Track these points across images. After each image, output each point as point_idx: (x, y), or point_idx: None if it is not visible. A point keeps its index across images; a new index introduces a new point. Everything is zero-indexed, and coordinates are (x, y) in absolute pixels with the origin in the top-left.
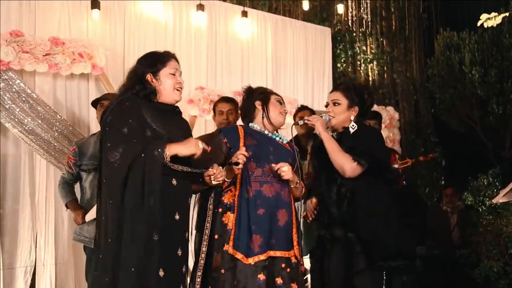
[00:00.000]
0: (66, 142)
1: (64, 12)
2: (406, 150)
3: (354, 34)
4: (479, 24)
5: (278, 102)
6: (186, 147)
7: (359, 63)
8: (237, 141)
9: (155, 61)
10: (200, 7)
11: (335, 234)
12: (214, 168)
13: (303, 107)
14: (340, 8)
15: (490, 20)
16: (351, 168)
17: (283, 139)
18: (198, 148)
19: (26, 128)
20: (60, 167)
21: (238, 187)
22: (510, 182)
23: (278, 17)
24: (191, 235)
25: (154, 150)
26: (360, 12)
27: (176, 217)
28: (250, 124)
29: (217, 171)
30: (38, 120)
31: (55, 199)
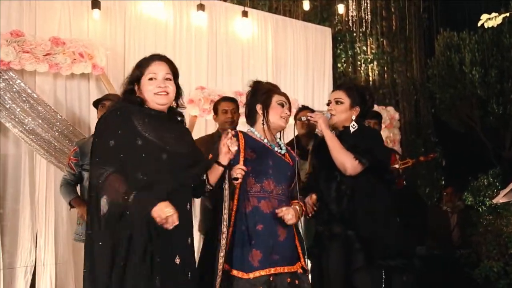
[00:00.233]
0: (67, 142)
1: (65, 12)
2: (406, 150)
3: (355, 34)
4: (479, 24)
5: (280, 105)
6: (155, 211)
7: (359, 63)
8: (236, 154)
9: (137, 70)
10: (201, 7)
11: (334, 231)
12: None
13: (304, 107)
14: (340, 8)
15: (491, 20)
16: (352, 166)
17: (283, 148)
18: (163, 213)
19: (27, 128)
20: (61, 167)
21: (235, 202)
22: (510, 182)
23: (278, 17)
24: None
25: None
26: (360, 12)
27: (177, 261)
28: (251, 129)
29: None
30: (39, 120)
31: (55, 199)
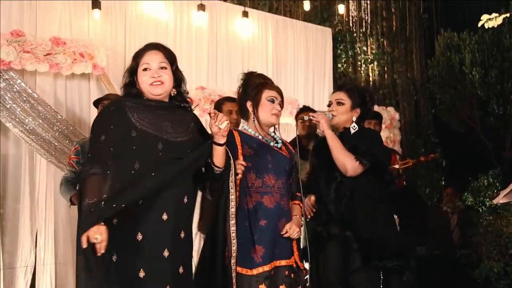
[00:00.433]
0: (67, 142)
1: (65, 12)
2: (406, 151)
3: (355, 35)
4: (479, 24)
5: (271, 101)
6: (88, 233)
7: (359, 63)
8: (235, 150)
9: (133, 61)
10: (201, 7)
11: (332, 232)
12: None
13: (305, 107)
14: (340, 9)
15: (491, 20)
16: (353, 167)
17: (279, 142)
18: (92, 238)
19: (27, 127)
20: (61, 167)
21: (236, 199)
22: (510, 182)
23: (278, 17)
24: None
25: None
26: (360, 12)
27: (165, 254)
28: (245, 127)
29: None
30: (39, 120)
31: (55, 199)
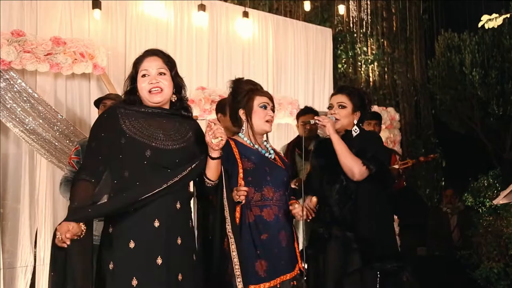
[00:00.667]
0: (67, 141)
1: (66, 12)
2: (406, 151)
3: (355, 35)
4: (480, 25)
5: (263, 107)
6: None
7: (359, 64)
8: (235, 164)
9: (133, 68)
10: (202, 7)
11: (333, 233)
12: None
13: (306, 108)
14: (341, 9)
15: (491, 21)
16: (360, 171)
17: (271, 152)
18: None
19: (27, 127)
20: (61, 166)
21: (237, 215)
22: (510, 183)
23: (279, 17)
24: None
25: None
26: (361, 13)
27: (158, 261)
28: (240, 135)
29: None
30: (39, 120)
31: (55, 198)
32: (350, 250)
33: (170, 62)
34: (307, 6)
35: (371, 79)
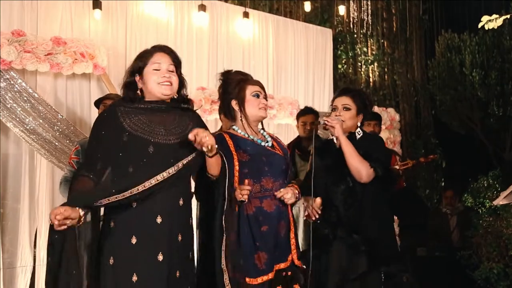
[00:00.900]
0: (67, 141)
1: (66, 12)
2: (406, 152)
3: (355, 36)
4: (480, 26)
5: (255, 96)
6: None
7: (360, 64)
8: (230, 157)
9: (139, 60)
10: (202, 7)
11: (339, 234)
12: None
13: (307, 109)
14: (341, 10)
15: (491, 22)
16: (368, 174)
17: (268, 140)
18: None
19: (28, 127)
20: (61, 166)
21: (236, 208)
22: (510, 184)
23: (279, 18)
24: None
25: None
26: (361, 13)
27: (159, 257)
28: (234, 127)
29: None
30: (40, 120)
31: (55, 198)
32: (357, 252)
33: (177, 60)
34: (307, 7)
35: (371, 80)
